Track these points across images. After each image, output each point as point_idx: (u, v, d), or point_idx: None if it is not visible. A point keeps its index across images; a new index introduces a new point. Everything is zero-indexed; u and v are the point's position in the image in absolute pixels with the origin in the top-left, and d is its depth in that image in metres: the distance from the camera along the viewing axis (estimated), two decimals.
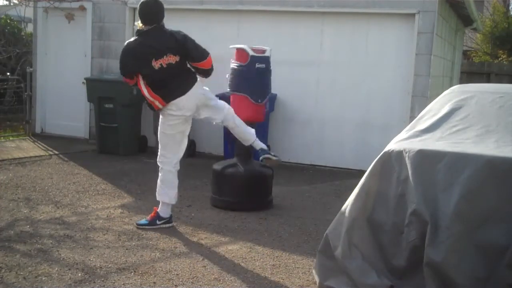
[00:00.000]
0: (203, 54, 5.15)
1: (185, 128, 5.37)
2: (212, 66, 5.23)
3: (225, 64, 6.30)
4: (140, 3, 5.13)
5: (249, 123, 6.07)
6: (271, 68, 6.17)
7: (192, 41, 5.15)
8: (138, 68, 5.14)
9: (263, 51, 5.98)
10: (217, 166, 6.18)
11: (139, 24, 5.17)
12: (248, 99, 5.95)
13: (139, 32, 5.17)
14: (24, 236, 4.89)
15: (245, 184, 5.99)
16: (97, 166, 7.85)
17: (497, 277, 3.32)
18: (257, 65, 5.91)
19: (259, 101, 5.98)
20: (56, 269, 4.18)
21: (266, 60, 6.01)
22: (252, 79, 5.95)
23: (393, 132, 6.12)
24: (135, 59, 5.12)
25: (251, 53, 5.92)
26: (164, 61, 5.08)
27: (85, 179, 7.12)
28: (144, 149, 9.21)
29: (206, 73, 5.26)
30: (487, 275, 3.34)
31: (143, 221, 5.35)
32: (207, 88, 5.43)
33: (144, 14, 5.10)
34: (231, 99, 6.13)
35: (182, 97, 5.15)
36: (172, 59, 5.09)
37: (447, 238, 3.41)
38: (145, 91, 5.18)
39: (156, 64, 5.06)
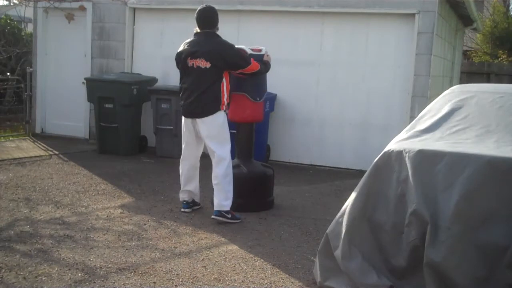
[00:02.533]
0: (246, 60, 5.59)
1: (189, 139, 5.72)
2: (260, 66, 5.69)
3: None
4: (198, 9, 5.65)
5: (249, 123, 6.09)
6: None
7: (235, 52, 5.54)
8: (179, 63, 5.65)
9: (259, 50, 5.99)
10: None
11: (196, 28, 5.67)
12: (247, 97, 5.96)
13: (194, 34, 5.67)
14: (24, 236, 4.89)
15: (249, 185, 5.99)
16: (97, 166, 7.85)
17: (497, 277, 3.32)
18: None
19: (257, 99, 5.98)
20: (56, 269, 4.18)
21: (262, 58, 5.96)
22: (250, 78, 5.96)
23: (393, 132, 6.13)
24: (179, 55, 5.64)
25: (249, 51, 5.94)
26: (196, 62, 5.48)
27: (85, 179, 7.12)
28: (144, 149, 9.21)
29: (259, 73, 5.76)
30: (487, 275, 3.35)
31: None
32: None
33: (197, 19, 5.61)
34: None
35: (187, 119, 5.66)
36: (203, 63, 5.46)
37: (447, 238, 3.41)
38: None
39: (190, 62, 5.53)
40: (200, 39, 5.55)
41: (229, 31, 8.81)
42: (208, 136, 5.56)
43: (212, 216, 5.54)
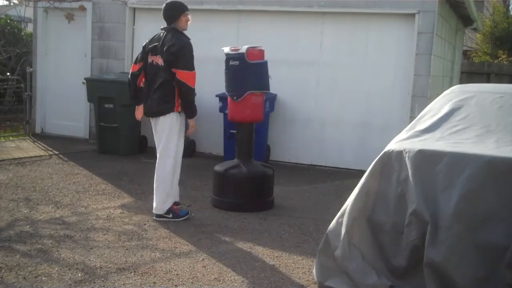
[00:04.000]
0: (185, 65, 5.28)
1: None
2: (189, 83, 5.29)
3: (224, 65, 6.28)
4: None
5: (249, 123, 6.09)
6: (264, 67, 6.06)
7: (184, 52, 5.30)
8: (142, 58, 5.56)
9: (238, 49, 5.92)
10: (219, 167, 6.16)
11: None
12: (229, 97, 6.03)
13: (160, 29, 5.60)
14: (24, 236, 4.89)
15: (249, 185, 5.99)
16: (97, 166, 7.85)
17: (497, 277, 3.32)
18: (231, 63, 5.90)
19: (234, 98, 5.96)
20: (56, 269, 4.18)
21: (240, 57, 5.86)
22: (227, 77, 6.00)
23: (393, 132, 6.12)
24: (142, 49, 5.61)
25: (226, 51, 5.97)
26: (154, 58, 5.45)
27: (85, 179, 7.12)
28: (144, 149, 9.21)
29: (180, 84, 5.30)
30: (487, 275, 3.34)
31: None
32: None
33: (162, 15, 5.55)
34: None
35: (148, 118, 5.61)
36: (159, 60, 5.40)
37: (447, 238, 3.41)
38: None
39: (150, 58, 5.49)
40: (162, 34, 5.47)
41: (229, 31, 8.89)
42: (156, 134, 5.52)
43: (154, 217, 5.52)
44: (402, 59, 8.25)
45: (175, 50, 5.27)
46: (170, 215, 5.50)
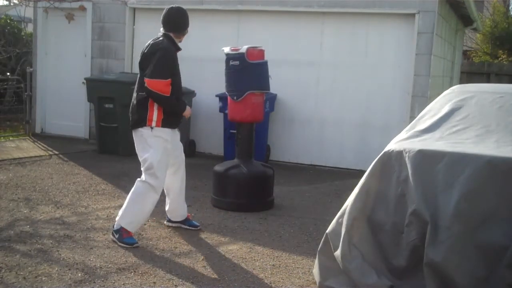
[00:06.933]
0: (153, 73, 4.69)
1: None
2: (156, 93, 4.71)
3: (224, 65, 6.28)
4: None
5: (249, 123, 6.09)
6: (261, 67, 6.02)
7: (158, 58, 4.70)
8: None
9: (238, 49, 5.89)
10: (219, 167, 6.17)
11: None
12: (229, 97, 6.03)
13: None
14: (24, 236, 4.89)
15: (249, 185, 6.00)
16: (97, 166, 7.85)
17: (497, 277, 3.32)
18: (231, 63, 5.90)
19: (234, 98, 5.96)
20: (56, 269, 4.18)
21: (240, 57, 5.82)
22: (228, 77, 5.99)
23: (393, 132, 6.13)
24: None
25: (226, 51, 5.95)
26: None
27: (85, 179, 7.12)
28: None
29: (148, 93, 4.75)
30: (487, 275, 3.34)
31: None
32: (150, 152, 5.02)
33: (165, 16, 5.03)
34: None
35: None
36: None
37: (447, 238, 3.41)
38: None
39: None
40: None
41: (229, 31, 8.89)
42: (136, 149, 5.10)
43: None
44: (402, 59, 8.25)
45: (147, 52, 4.77)
46: (117, 236, 4.78)
